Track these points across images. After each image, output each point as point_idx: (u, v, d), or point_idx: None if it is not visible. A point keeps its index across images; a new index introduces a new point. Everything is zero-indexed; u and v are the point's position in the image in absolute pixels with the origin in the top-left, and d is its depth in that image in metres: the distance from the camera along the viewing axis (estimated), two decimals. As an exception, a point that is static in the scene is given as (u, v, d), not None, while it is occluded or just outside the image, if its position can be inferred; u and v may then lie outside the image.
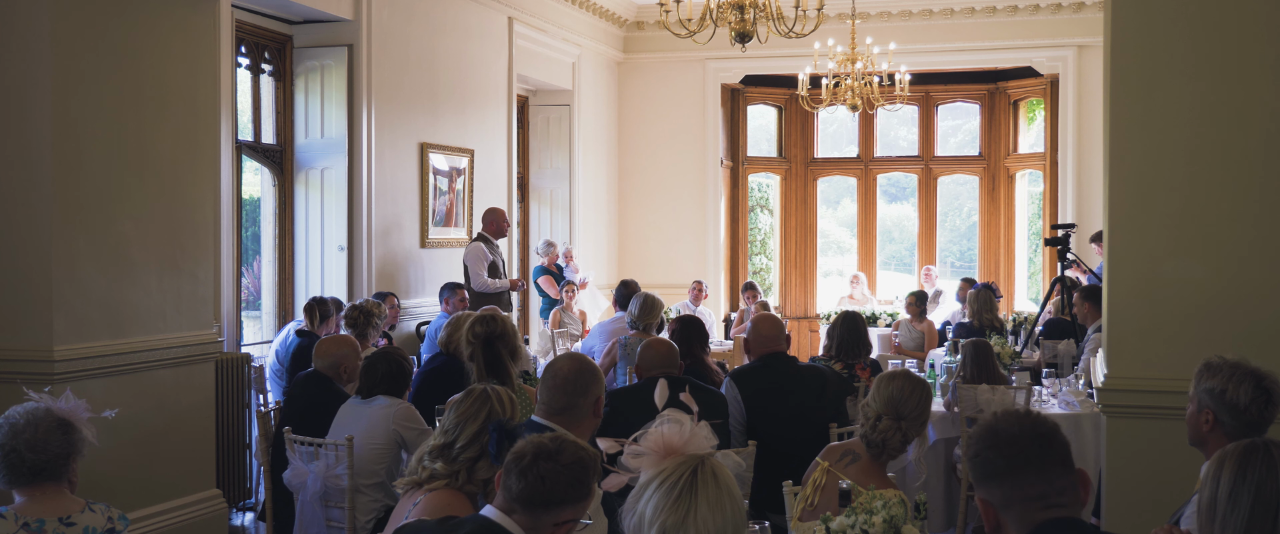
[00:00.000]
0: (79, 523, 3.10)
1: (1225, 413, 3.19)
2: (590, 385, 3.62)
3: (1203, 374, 3.28)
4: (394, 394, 4.91)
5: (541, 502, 2.57)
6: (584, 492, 2.61)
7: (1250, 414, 3.17)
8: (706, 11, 7.36)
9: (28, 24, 4.94)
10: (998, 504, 2.19)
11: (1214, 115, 4.55)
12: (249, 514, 6.96)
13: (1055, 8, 12.10)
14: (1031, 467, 2.17)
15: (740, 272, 13.92)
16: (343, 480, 4.77)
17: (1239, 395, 3.17)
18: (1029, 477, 2.16)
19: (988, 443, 2.21)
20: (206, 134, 5.92)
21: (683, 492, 2.20)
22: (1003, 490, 2.18)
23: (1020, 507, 2.16)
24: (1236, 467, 2.44)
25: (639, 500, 2.25)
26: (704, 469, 2.24)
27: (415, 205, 9.38)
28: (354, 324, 6.85)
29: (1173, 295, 4.59)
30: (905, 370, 3.90)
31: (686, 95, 13.26)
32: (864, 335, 6.44)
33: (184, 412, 5.73)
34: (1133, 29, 4.65)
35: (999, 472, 2.18)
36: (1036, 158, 13.21)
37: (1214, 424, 3.22)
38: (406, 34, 9.18)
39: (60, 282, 5.00)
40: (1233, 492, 2.41)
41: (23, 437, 3.09)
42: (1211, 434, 3.24)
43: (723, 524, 2.21)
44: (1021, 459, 2.17)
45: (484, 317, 4.72)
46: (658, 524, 2.19)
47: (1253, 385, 3.18)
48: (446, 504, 3.04)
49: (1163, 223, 4.61)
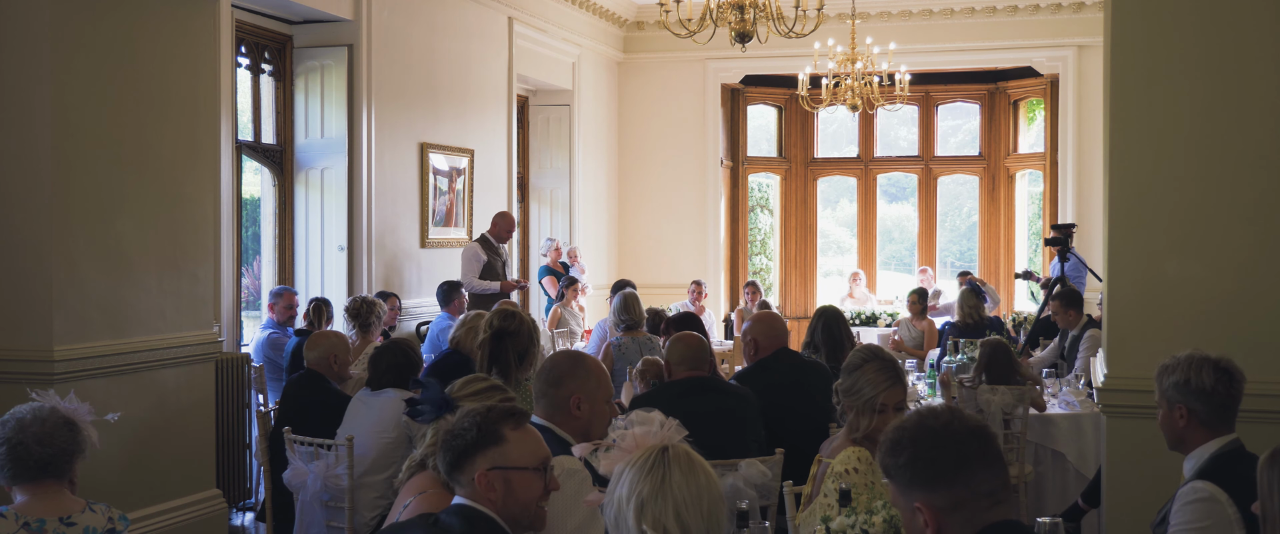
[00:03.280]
0: (79, 523, 3.10)
1: (1195, 401, 3.24)
2: (564, 379, 3.44)
3: (1162, 374, 3.33)
4: (402, 386, 4.85)
5: (446, 466, 2.64)
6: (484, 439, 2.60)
7: (1218, 394, 3.23)
8: (706, 11, 7.36)
9: (28, 24, 4.94)
10: (944, 507, 2.06)
11: (1214, 115, 4.55)
12: (249, 514, 6.95)
13: (1055, 8, 12.10)
14: (979, 462, 2.06)
15: (740, 271, 13.92)
16: (343, 480, 4.77)
17: (1203, 380, 3.23)
18: (979, 473, 2.05)
19: (930, 443, 2.08)
20: (206, 134, 5.92)
21: (655, 464, 2.26)
22: (952, 492, 2.06)
23: (970, 507, 2.04)
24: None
25: (615, 490, 2.29)
26: (675, 448, 2.30)
27: (415, 205, 9.38)
28: (356, 316, 6.89)
29: (1173, 295, 4.59)
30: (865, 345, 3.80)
31: (686, 95, 13.26)
32: (844, 337, 5.80)
33: (184, 412, 5.73)
34: (1133, 28, 4.65)
35: (947, 472, 2.06)
36: (1036, 158, 13.21)
37: (1188, 417, 3.26)
38: (406, 34, 9.18)
39: (60, 282, 4.99)
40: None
41: (30, 431, 3.09)
42: (1188, 429, 3.28)
43: (698, 490, 2.24)
44: (969, 456, 2.06)
45: (505, 311, 4.64)
46: (635, 497, 2.23)
47: (1212, 368, 3.25)
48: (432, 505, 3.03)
49: (1163, 222, 4.61)
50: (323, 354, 5.45)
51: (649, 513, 2.22)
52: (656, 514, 2.22)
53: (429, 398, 3.12)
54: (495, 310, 4.71)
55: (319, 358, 5.45)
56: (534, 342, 4.65)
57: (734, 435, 4.50)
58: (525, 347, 4.58)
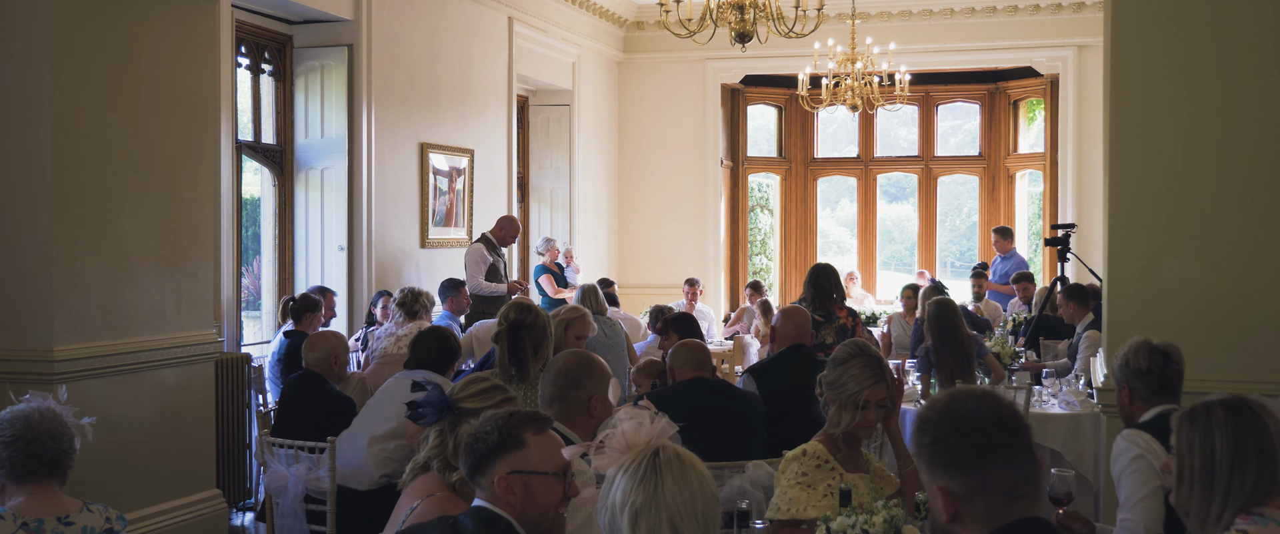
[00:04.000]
0: (77, 522, 3.10)
1: (1135, 379, 3.55)
2: (584, 380, 3.54)
3: (1113, 360, 3.65)
4: (440, 370, 4.98)
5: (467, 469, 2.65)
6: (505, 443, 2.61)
7: (1153, 373, 3.53)
8: (706, 11, 7.36)
9: (28, 24, 4.94)
10: (961, 494, 2.00)
11: (1213, 115, 4.55)
12: (249, 514, 6.95)
13: (1055, 8, 12.10)
14: (1001, 454, 1.99)
15: (740, 272, 13.93)
16: (324, 483, 4.76)
17: (1139, 361, 3.53)
18: (998, 465, 1.99)
19: (950, 429, 2.02)
20: (206, 134, 5.92)
21: (647, 471, 2.24)
22: (969, 480, 1.99)
23: (986, 498, 1.99)
24: (1232, 429, 2.52)
25: (608, 495, 2.28)
26: (666, 451, 2.28)
27: (415, 205, 9.38)
28: (404, 306, 7.01)
29: (1173, 295, 4.59)
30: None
31: (686, 95, 13.26)
32: (831, 286, 6.61)
33: (184, 412, 5.73)
34: (1132, 29, 4.65)
35: (966, 461, 2.00)
36: (1036, 158, 13.21)
37: (1131, 395, 3.57)
38: (406, 34, 9.18)
39: (60, 282, 4.99)
40: (1235, 455, 2.51)
41: (42, 427, 3.10)
42: (1132, 406, 3.58)
43: (691, 496, 2.23)
44: (990, 446, 1.99)
45: (520, 304, 4.73)
46: (628, 507, 2.22)
47: (1148, 350, 3.55)
48: (442, 507, 3.03)
49: (1163, 222, 4.61)
50: (323, 355, 5.44)
51: (643, 524, 2.21)
52: (651, 525, 2.20)
53: (429, 400, 3.12)
54: (511, 303, 4.78)
55: (319, 359, 5.44)
56: (548, 334, 4.71)
57: (740, 433, 4.56)
58: (540, 339, 4.65)
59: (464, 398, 3.20)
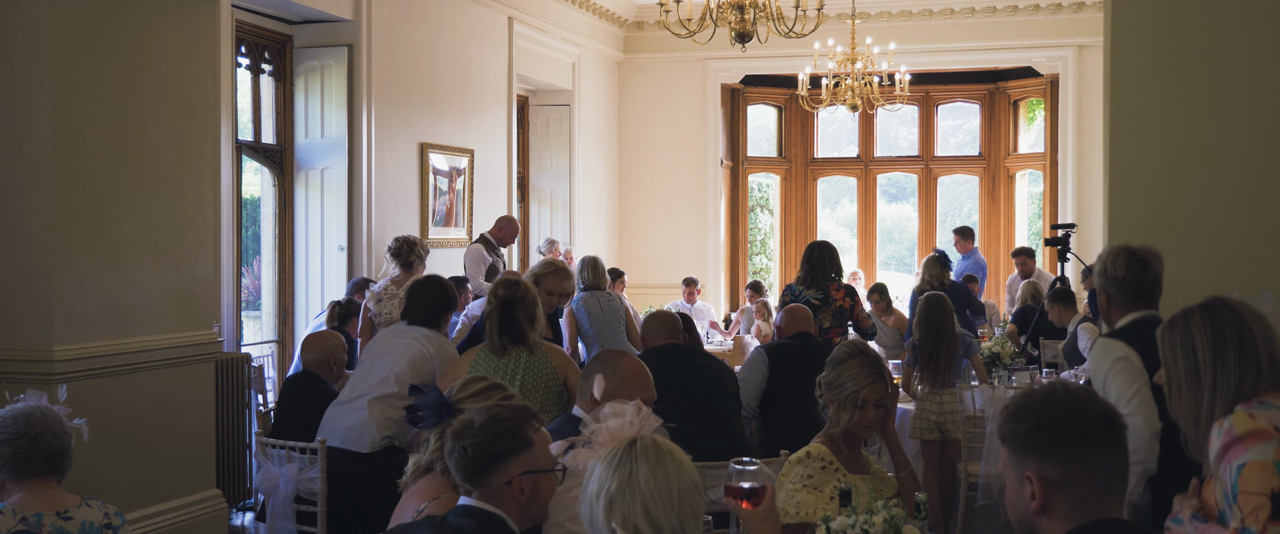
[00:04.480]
0: (76, 517, 3.10)
1: (1111, 286, 3.56)
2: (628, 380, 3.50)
3: (1095, 263, 3.69)
4: (434, 327, 5.00)
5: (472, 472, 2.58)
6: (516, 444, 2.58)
7: (1129, 280, 3.53)
8: (706, 11, 7.37)
9: (28, 24, 4.94)
10: (1057, 481, 1.96)
11: (1213, 115, 4.55)
12: (249, 514, 6.95)
13: (1055, 8, 12.10)
14: (1103, 445, 1.96)
15: (740, 272, 13.93)
16: (316, 483, 4.76)
17: (1116, 268, 3.55)
18: (1100, 455, 1.96)
19: (1057, 414, 1.98)
20: (206, 134, 5.92)
21: (621, 459, 2.26)
22: (1069, 468, 1.95)
23: (1083, 487, 1.95)
24: (1208, 326, 2.58)
25: (587, 486, 2.30)
26: (644, 440, 2.30)
27: (415, 205, 9.38)
28: (398, 255, 7.02)
29: (1172, 295, 4.59)
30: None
31: (686, 95, 13.26)
32: (825, 263, 6.68)
33: (184, 412, 5.73)
34: (1132, 28, 4.66)
35: (1068, 445, 1.95)
36: (1036, 158, 13.22)
37: (1109, 301, 3.60)
38: (406, 34, 9.18)
39: (60, 282, 5.00)
40: (1216, 350, 2.56)
41: (45, 424, 3.12)
42: (1109, 310, 3.61)
43: (666, 482, 2.24)
44: (1094, 436, 1.96)
45: (507, 280, 4.76)
46: (604, 495, 2.23)
47: (1126, 256, 3.55)
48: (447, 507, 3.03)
49: (1162, 222, 4.61)
50: (321, 356, 5.45)
51: (618, 511, 2.22)
52: (625, 512, 2.21)
53: (429, 402, 3.10)
54: (498, 280, 4.81)
55: (318, 359, 5.45)
56: (538, 303, 4.81)
57: (713, 390, 4.92)
58: (532, 310, 4.73)
59: (464, 399, 3.20)
